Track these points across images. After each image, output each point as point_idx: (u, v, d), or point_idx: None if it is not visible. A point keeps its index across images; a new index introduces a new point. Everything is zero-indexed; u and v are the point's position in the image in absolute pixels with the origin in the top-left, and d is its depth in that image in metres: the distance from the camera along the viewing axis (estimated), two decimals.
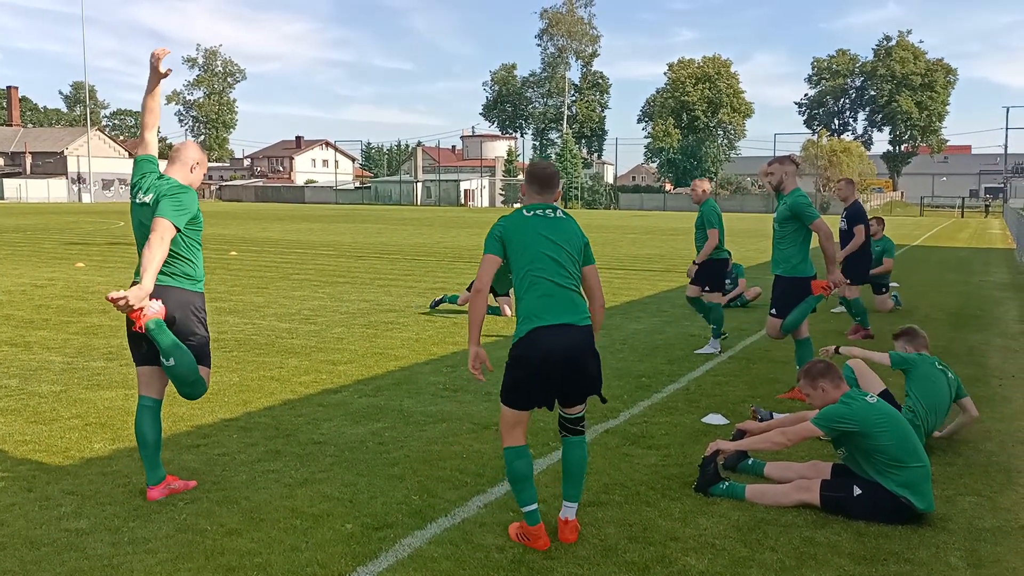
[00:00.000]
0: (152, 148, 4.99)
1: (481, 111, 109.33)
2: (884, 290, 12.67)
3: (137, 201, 4.75)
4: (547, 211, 4.23)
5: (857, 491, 4.62)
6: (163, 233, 4.48)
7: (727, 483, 4.90)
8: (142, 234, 4.65)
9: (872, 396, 4.90)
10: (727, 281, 12.01)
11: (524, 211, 4.25)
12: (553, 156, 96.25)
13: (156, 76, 4.91)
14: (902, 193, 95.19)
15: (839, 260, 10.33)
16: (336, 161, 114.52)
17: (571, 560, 4.03)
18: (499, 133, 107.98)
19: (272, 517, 4.48)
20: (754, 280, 14.55)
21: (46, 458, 5.38)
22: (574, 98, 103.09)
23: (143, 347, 4.65)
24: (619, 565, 3.99)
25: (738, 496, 4.84)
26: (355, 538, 4.23)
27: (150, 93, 4.98)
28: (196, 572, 3.84)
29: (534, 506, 4.13)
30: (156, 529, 4.31)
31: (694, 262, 9.46)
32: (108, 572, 3.83)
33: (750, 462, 5.29)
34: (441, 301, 12.14)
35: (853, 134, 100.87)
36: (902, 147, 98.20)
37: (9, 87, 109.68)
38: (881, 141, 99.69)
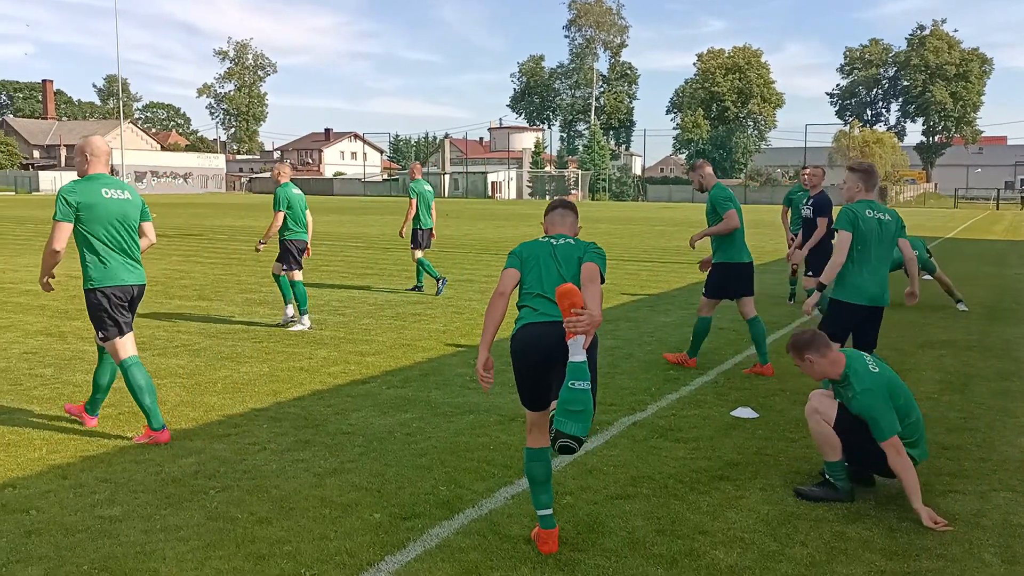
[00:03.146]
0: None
1: (509, 103, 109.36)
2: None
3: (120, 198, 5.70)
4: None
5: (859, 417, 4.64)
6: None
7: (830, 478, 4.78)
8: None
9: (871, 361, 4.81)
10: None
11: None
12: (581, 148, 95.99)
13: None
14: (936, 185, 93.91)
15: (804, 250, 10.01)
16: (364, 153, 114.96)
17: (598, 552, 4.03)
18: (527, 125, 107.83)
19: (301, 506, 4.52)
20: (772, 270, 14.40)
21: (80, 446, 5.47)
22: (602, 89, 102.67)
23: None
24: (647, 558, 3.98)
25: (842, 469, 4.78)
26: (383, 527, 4.25)
27: None
28: (227, 559, 3.89)
29: (548, 511, 4.03)
30: (188, 517, 4.36)
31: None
32: (140, 559, 3.88)
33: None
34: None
35: (886, 125, 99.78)
36: (936, 138, 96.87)
37: (44, 80, 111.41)
38: (914, 132, 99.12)
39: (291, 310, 10.08)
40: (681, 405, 6.69)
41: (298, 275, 9.94)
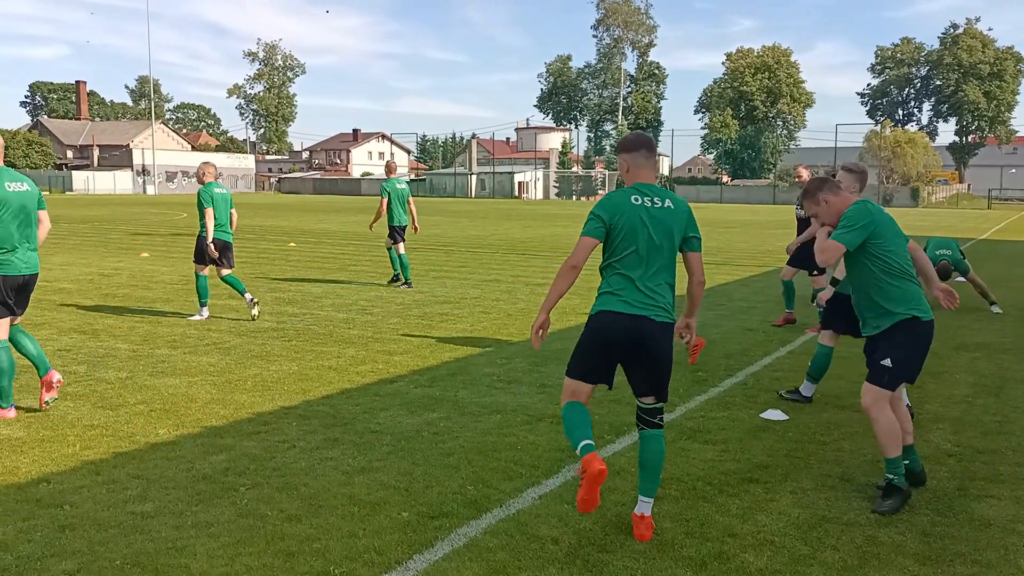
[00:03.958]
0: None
1: (536, 103, 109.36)
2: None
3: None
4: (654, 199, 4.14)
5: (886, 361, 4.68)
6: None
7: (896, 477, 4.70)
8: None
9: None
10: None
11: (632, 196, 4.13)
12: (608, 148, 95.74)
13: None
14: (968, 185, 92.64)
15: (797, 244, 10.01)
16: (392, 154, 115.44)
17: (627, 554, 4.01)
18: (553, 125, 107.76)
19: (330, 504, 4.54)
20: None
21: (113, 443, 5.53)
22: (630, 89, 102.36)
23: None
24: (676, 560, 3.96)
25: (905, 468, 4.75)
26: (411, 526, 4.26)
27: None
28: (257, 556, 3.92)
29: (587, 441, 3.97)
30: (218, 513, 4.39)
31: None
32: (172, 555, 3.92)
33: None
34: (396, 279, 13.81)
35: (917, 124, 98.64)
36: (969, 138, 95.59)
37: (78, 81, 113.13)
38: (947, 132, 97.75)
39: (207, 312, 10.39)
40: (709, 407, 6.65)
41: (206, 271, 10.27)
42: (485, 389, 7.06)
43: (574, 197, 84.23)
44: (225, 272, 10.22)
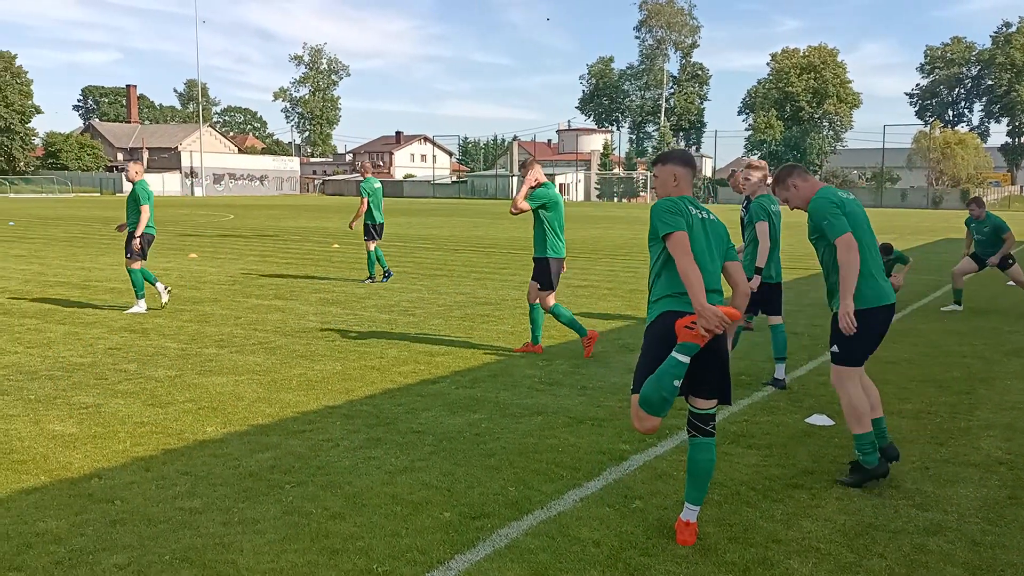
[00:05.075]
0: None
1: (577, 105, 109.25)
2: (1012, 261, 12.06)
3: None
4: (706, 214, 4.33)
5: (833, 348, 5.00)
6: None
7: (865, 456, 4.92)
8: None
9: (845, 193, 5.19)
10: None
11: (691, 206, 4.26)
12: (650, 149, 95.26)
13: None
14: (1021, 187, 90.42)
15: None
16: (434, 156, 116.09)
17: (669, 559, 3.99)
18: (595, 127, 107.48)
19: (374, 503, 4.58)
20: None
21: (162, 439, 5.65)
22: (672, 90, 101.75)
23: None
24: (719, 565, 3.93)
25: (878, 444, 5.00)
26: (453, 526, 4.29)
27: None
28: (302, 553, 3.97)
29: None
30: (264, 510, 4.46)
31: None
32: (219, 550, 3.99)
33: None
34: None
35: (968, 125, 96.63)
36: (1022, 139, 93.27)
37: (128, 86, 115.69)
38: (999, 133, 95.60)
39: (144, 304, 10.96)
40: (753, 411, 6.59)
41: (138, 264, 10.86)
42: (526, 391, 7.07)
43: (615, 199, 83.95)
44: (138, 265, 10.82)
